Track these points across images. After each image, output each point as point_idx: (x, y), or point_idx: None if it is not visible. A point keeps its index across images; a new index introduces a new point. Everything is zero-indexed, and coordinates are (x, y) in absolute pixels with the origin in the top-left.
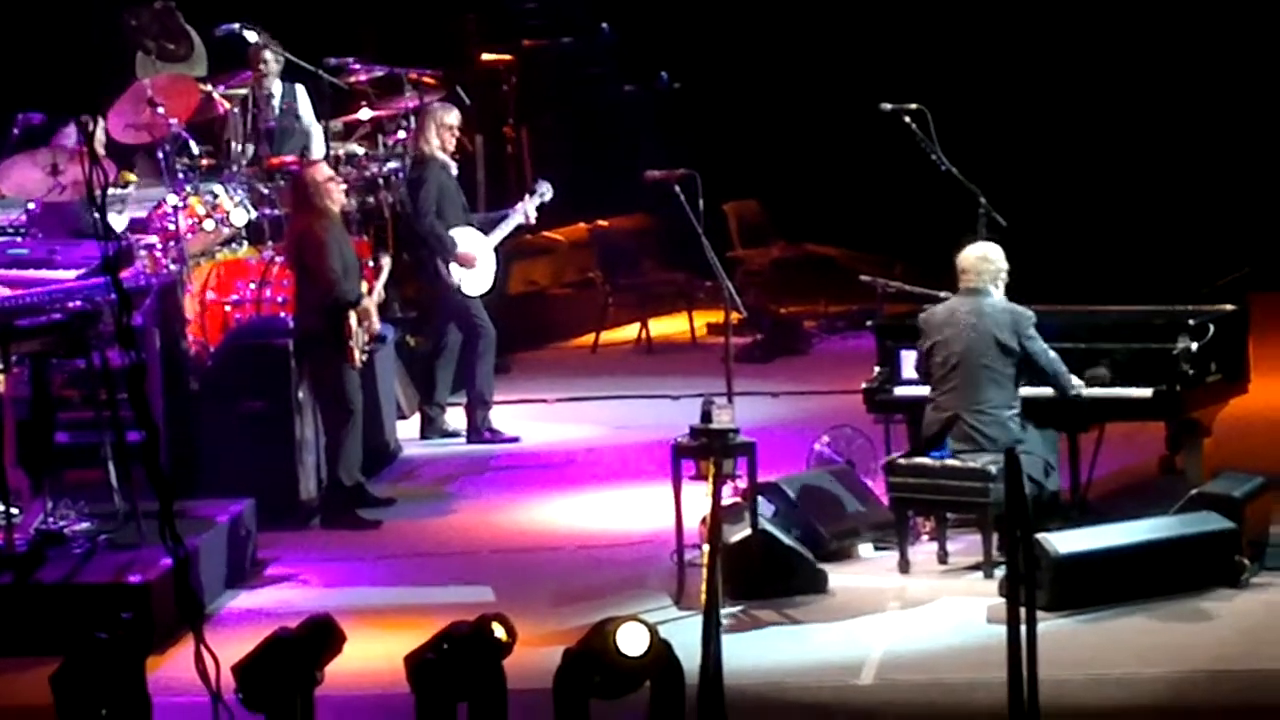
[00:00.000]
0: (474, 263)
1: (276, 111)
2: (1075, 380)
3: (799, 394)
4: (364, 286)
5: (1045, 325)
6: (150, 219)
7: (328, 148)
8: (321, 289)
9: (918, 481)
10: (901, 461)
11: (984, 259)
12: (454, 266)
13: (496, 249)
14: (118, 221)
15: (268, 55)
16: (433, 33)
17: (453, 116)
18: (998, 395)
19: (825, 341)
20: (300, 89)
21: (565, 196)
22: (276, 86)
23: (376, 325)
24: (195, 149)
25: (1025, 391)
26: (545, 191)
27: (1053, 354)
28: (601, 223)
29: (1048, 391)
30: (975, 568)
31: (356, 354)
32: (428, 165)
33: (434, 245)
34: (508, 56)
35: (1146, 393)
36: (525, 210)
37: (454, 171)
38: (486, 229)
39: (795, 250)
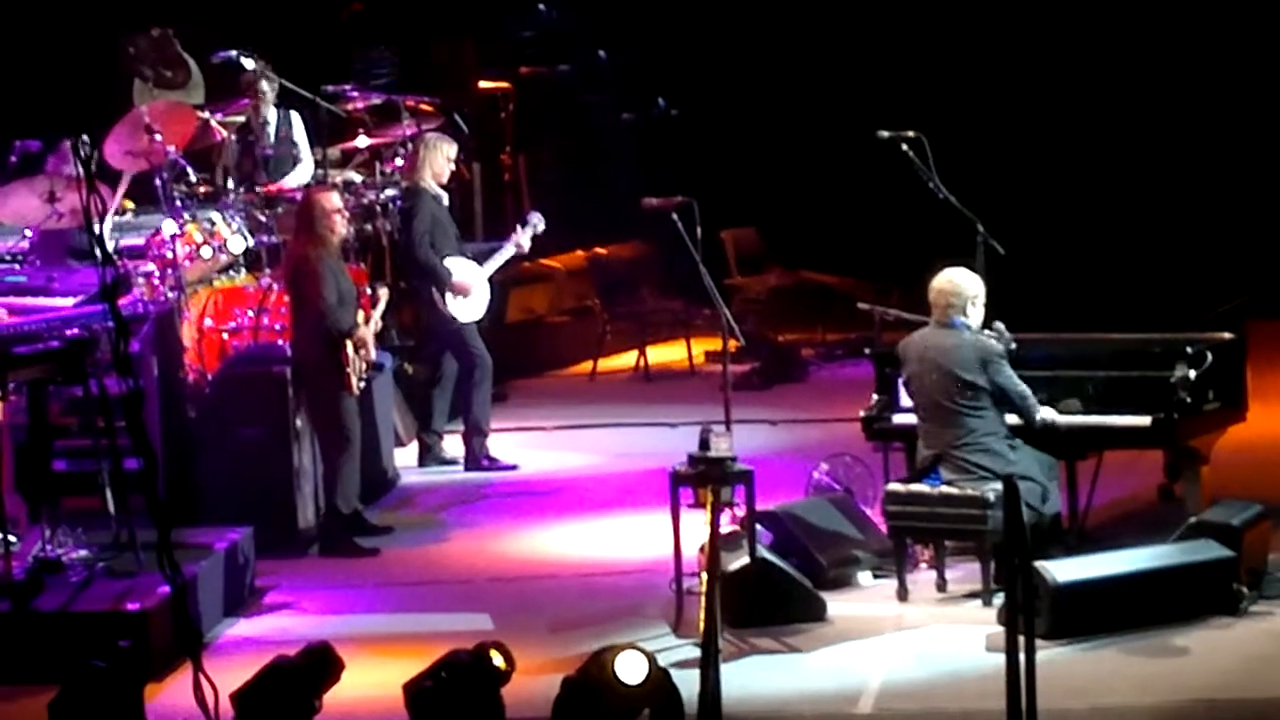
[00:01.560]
0: (469, 292)
1: (272, 139)
2: (1047, 411)
3: (797, 422)
4: (360, 315)
5: (1043, 354)
6: (148, 246)
7: (325, 176)
8: (318, 319)
9: (916, 509)
10: (899, 489)
11: (953, 290)
12: (449, 296)
13: (491, 278)
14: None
15: (263, 84)
16: (431, 60)
17: (449, 148)
18: (979, 425)
19: (823, 369)
20: (295, 115)
21: (563, 224)
22: (271, 114)
23: (373, 353)
24: (193, 176)
25: (1011, 419)
26: (537, 222)
27: (1021, 386)
28: (599, 250)
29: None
30: (974, 596)
31: (354, 382)
32: (419, 196)
33: (429, 276)
34: (505, 84)
35: (1145, 421)
36: (518, 241)
37: (445, 202)
38: (480, 259)
39: (793, 278)
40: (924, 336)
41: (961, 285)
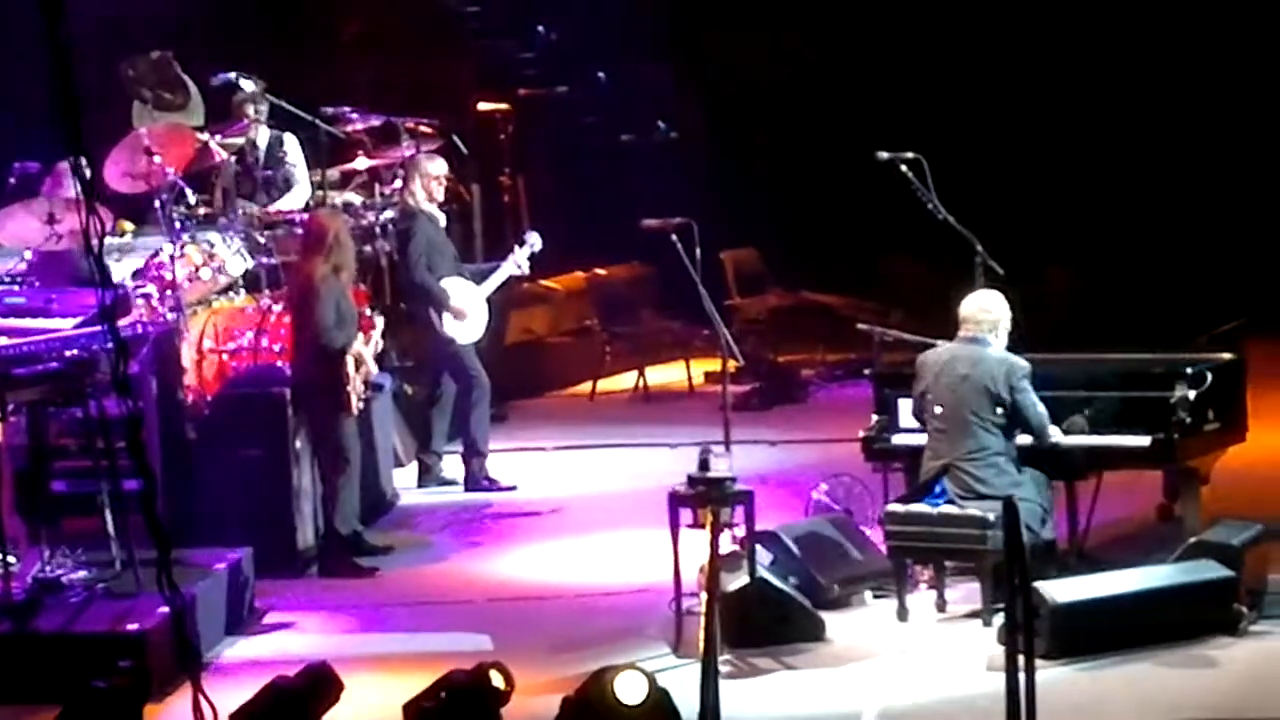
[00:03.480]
0: (466, 314)
1: (262, 161)
2: (1055, 431)
3: (797, 442)
4: (361, 336)
5: (1044, 374)
6: (147, 268)
7: (324, 197)
8: (315, 337)
9: (916, 530)
10: (899, 510)
11: (984, 309)
12: (446, 317)
13: (490, 299)
14: (116, 270)
15: (249, 108)
16: (429, 82)
17: (437, 166)
18: (991, 442)
19: (823, 390)
20: (290, 138)
21: (562, 245)
22: (263, 136)
23: (374, 371)
24: (192, 198)
25: (1021, 440)
26: (535, 242)
27: (1040, 407)
28: (599, 271)
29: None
30: (974, 616)
31: (353, 401)
32: (414, 218)
33: (426, 297)
34: (504, 106)
35: (1144, 441)
36: (516, 261)
37: (442, 223)
38: (478, 279)
39: (792, 298)
40: (948, 350)
41: (992, 307)
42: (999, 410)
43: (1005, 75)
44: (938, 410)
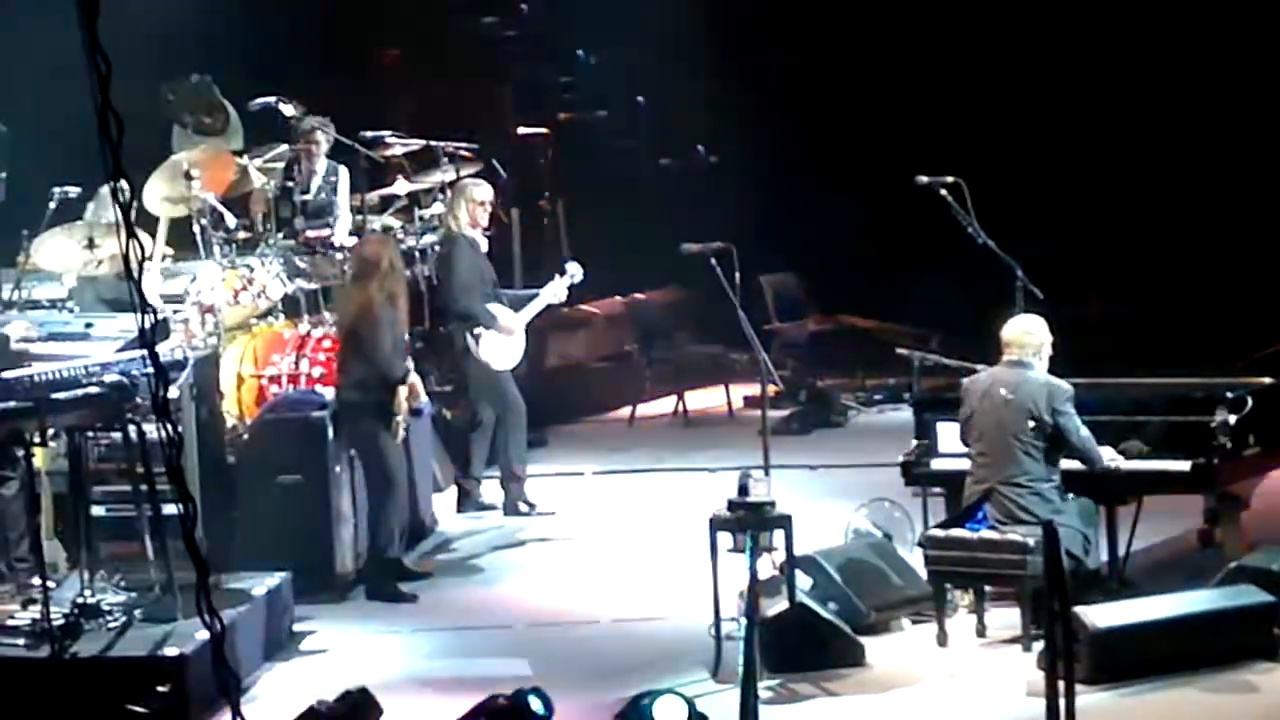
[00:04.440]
0: (512, 333)
1: (316, 186)
2: (1110, 453)
3: (836, 467)
4: (410, 362)
5: (1084, 399)
6: (187, 292)
7: (364, 222)
8: (371, 365)
9: (955, 555)
10: (939, 534)
11: (1027, 333)
12: (484, 343)
13: (527, 325)
14: (154, 294)
15: (319, 135)
16: (468, 106)
17: (483, 193)
18: (1034, 467)
19: (862, 414)
20: (343, 170)
21: (602, 270)
22: (321, 165)
23: (423, 397)
24: (231, 222)
25: (1066, 464)
26: (575, 273)
27: (1084, 431)
28: (638, 296)
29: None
30: (1013, 641)
31: (400, 427)
32: (455, 242)
33: (469, 321)
34: (544, 130)
35: (1184, 466)
36: (555, 291)
37: (484, 248)
38: (515, 307)
39: (832, 323)
40: (992, 374)
41: (1035, 330)
42: (1042, 433)
43: (1047, 99)
44: (984, 435)
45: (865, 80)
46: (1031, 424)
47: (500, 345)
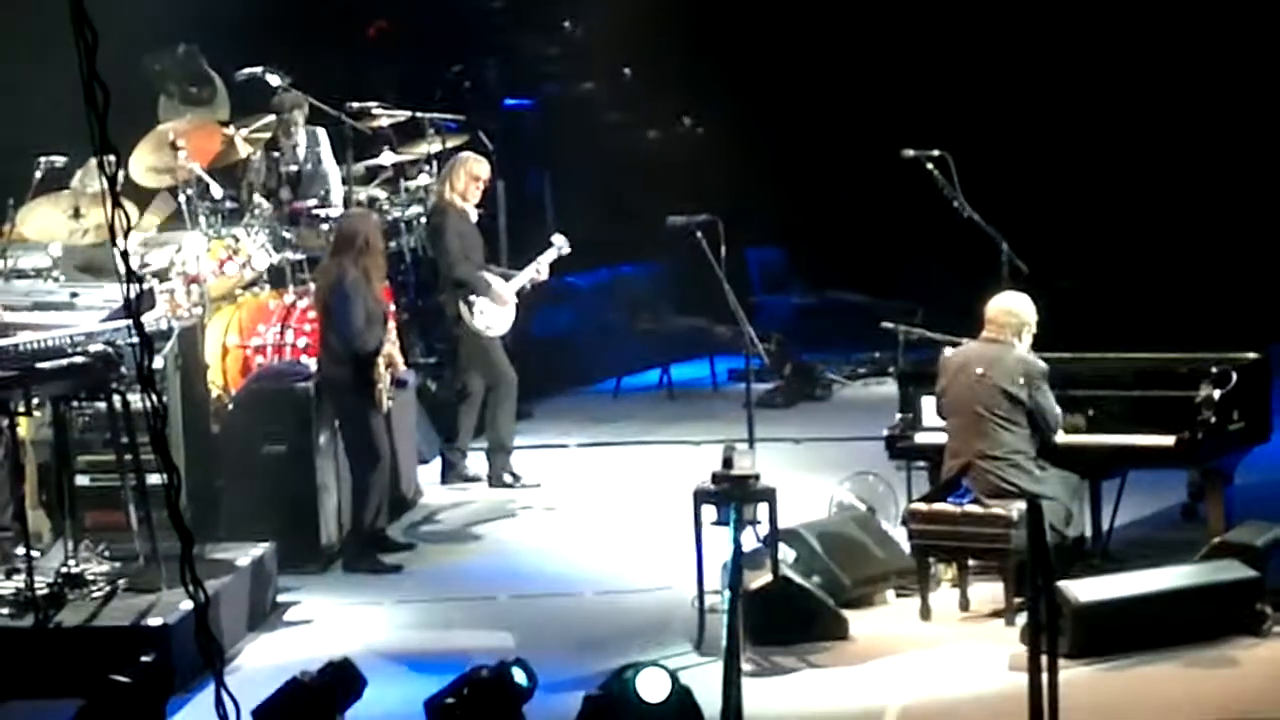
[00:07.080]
0: (506, 303)
1: (300, 157)
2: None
3: (820, 440)
4: (391, 333)
5: (1068, 373)
6: (172, 262)
7: (349, 192)
8: (344, 339)
9: (939, 528)
10: (922, 508)
11: (1008, 311)
12: (476, 311)
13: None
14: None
15: (296, 115)
16: (455, 77)
17: (482, 168)
18: (1010, 440)
19: (847, 387)
20: (322, 134)
21: (587, 242)
22: (301, 135)
23: (402, 368)
24: (217, 192)
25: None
26: (561, 245)
27: (1057, 411)
28: (624, 268)
29: (1071, 439)
30: (997, 615)
31: (384, 399)
32: (445, 213)
33: (470, 287)
34: (530, 102)
35: (1169, 440)
36: (538, 265)
37: (473, 218)
38: (504, 279)
39: (817, 297)
40: (969, 348)
41: (1019, 310)
42: (1017, 409)
43: (1034, 71)
44: (960, 410)
45: (853, 54)
46: (1006, 401)
47: (493, 312)
